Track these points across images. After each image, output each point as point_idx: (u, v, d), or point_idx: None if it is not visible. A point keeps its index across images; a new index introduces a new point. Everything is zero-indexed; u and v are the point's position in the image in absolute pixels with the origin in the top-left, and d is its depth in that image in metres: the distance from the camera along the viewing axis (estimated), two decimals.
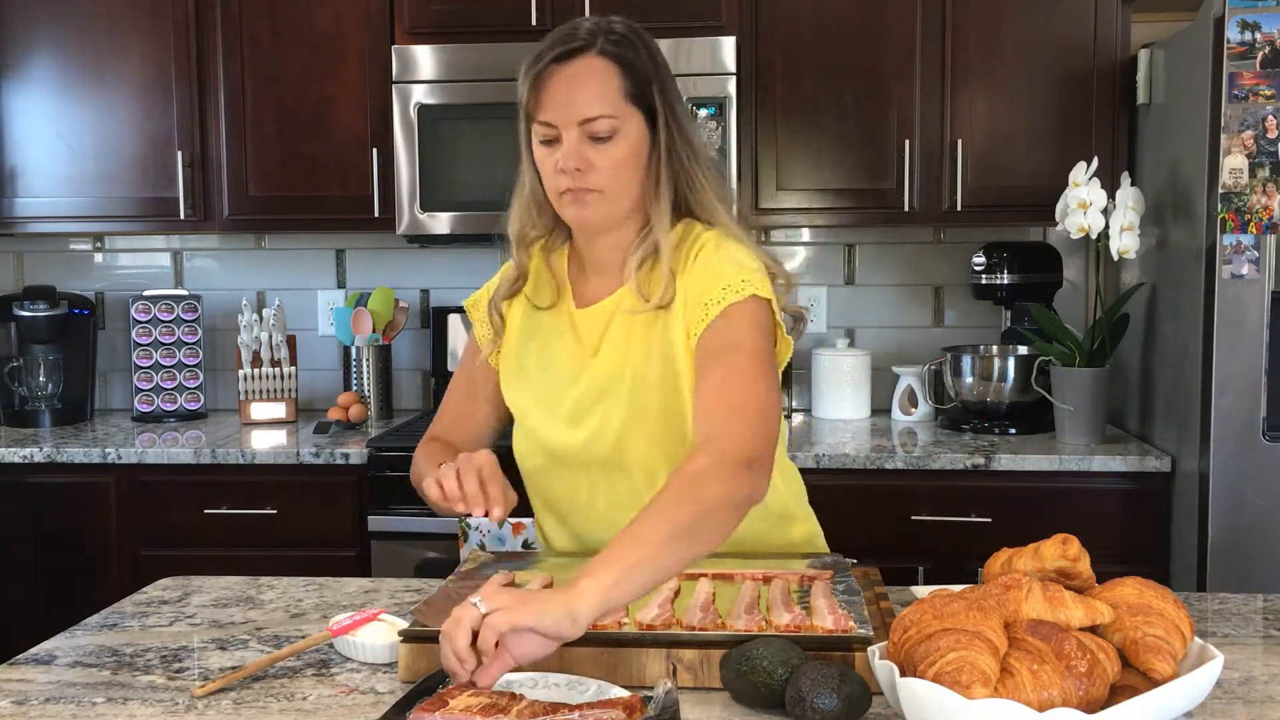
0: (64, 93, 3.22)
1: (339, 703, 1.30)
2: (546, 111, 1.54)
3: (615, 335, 1.62)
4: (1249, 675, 1.36)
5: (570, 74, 1.53)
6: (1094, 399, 2.84)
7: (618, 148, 1.54)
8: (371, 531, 2.89)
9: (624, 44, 1.55)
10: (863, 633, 1.32)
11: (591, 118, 1.52)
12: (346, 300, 3.44)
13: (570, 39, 1.54)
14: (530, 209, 1.67)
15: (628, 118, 1.55)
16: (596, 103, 1.52)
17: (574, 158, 1.53)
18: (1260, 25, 2.45)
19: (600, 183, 1.55)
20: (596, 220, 1.59)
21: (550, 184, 1.58)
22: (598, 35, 1.55)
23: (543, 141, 1.57)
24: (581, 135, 1.53)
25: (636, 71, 1.55)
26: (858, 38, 3.05)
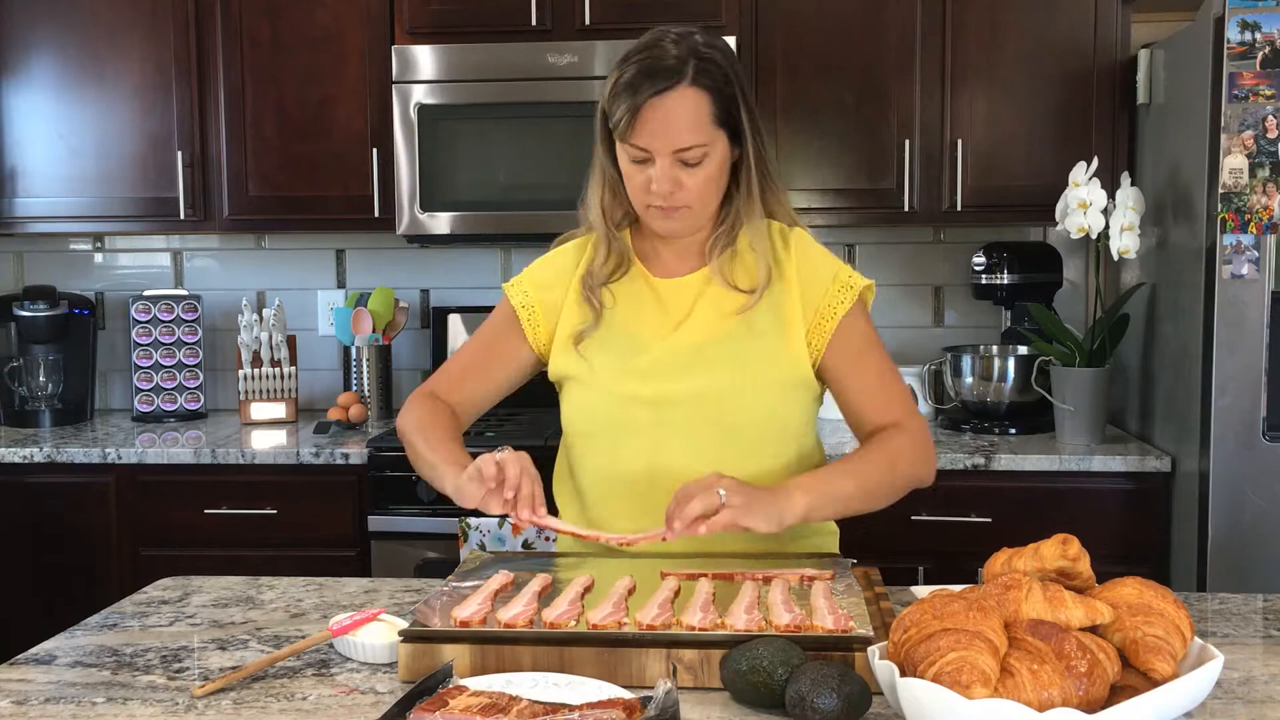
0: (64, 93, 3.22)
1: (339, 703, 1.30)
2: (642, 139, 1.61)
3: (704, 309, 1.71)
4: (1249, 675, 1.36)
5: (668, 107, 1.59)
6: (1094, 399, 2.84)
7: (706, 169, 1.63)
8: (371, 531, 2.89)
9: (713, 68, 1.62)
10: (863, 633, 1.32)
11: (685, 147, 1.61)
12: (346, 300, 3.44)
13: (663, 69, 1.60)
14: (614, 195, 1.74)
15: (716, 141, 1.63)
16: (691, 134, 1.60)
17: (667, 182, 1.62)
18: (1260, 25, 2.45)
19: (689, 200, 1.65)
20: (684, 231, 1.71)
21: (639, 198, 1.67)
22: (688, 60, 1.60)
23: (634, 161, 1.65)
24: (674, 161, 1.61)
25: (725, 96, 1.63)
26: (858, 38, 3.05)
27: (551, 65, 3.01)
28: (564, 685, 1.26)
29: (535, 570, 1.59)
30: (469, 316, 3.44)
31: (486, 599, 1.44)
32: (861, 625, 1.34)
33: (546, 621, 1.36)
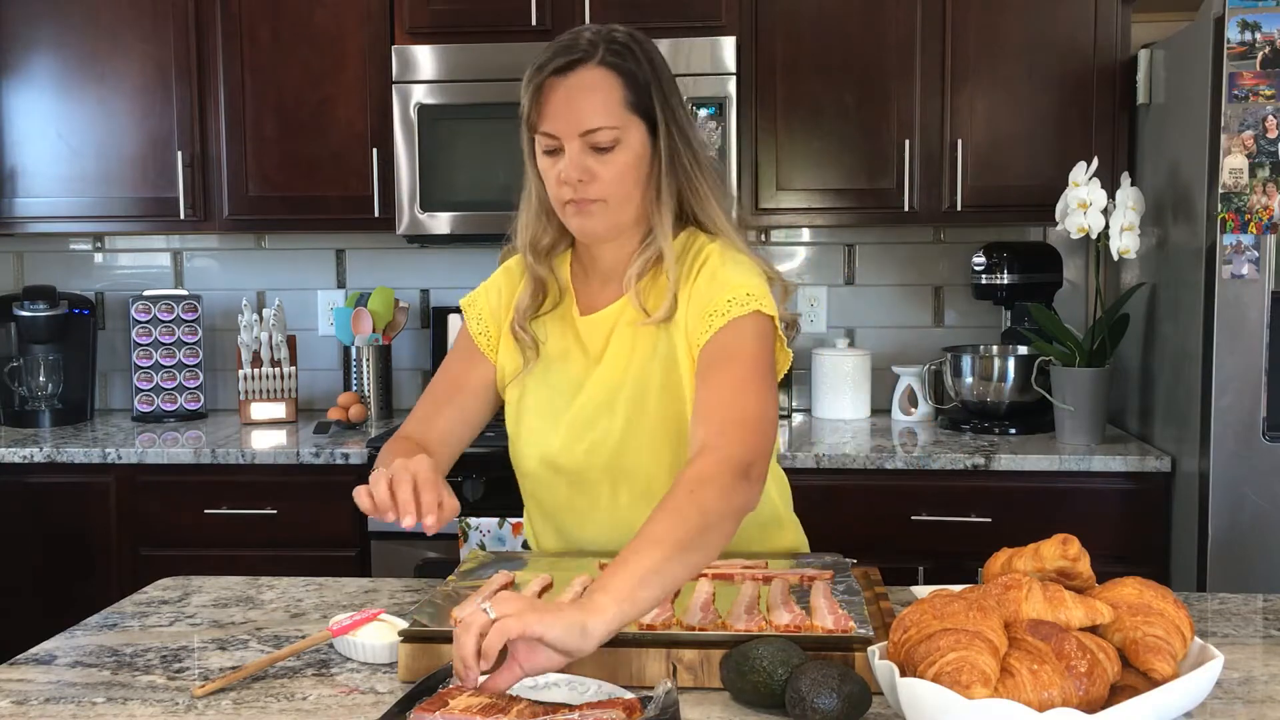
0: (64, 92, 3.22)
1: (339, 703, 1.30)
2: (548, 122, 1.54)
3: (618, 344, 1.62)
4: (1249, 675, 1.36)
5: (571, 85, 1.53)
6: (1094, 399, 2.84)
7: (620, 157, 1.54)
8: (371, 531, 2.89)
9: (625, 53, 1.55)
10: (862, 633, 1.32)
11: (593, 129, 1.52)
12: (346, 300, 3.44)
13: (571, 49, 1.54)
14: (540, 217, 1.66)
15: (629, 127, 1.54)
16: (598, 114, 1.52)
17: (576, 169, 1.53)
18: (1260, 25, 2.45)
19: (603, 192, 1.55)
20: (601, 230, 1.59)
21: (554, 194, 1.58)
22: (599, 45, 1.54)
23: (546, 152, 1.57)
24: (583, 146, 1.53)
25: (638, 81, 1.55)
26: (858, 38, 3.05)
27: None
28: (564, 685, 1.26)
29: (533, 570, 1.59)
30: None
31: (486, 599, 1.43)
32: (861, 625, 1.34)
33: None
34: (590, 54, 1.53)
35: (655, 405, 1.60)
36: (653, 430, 1.60)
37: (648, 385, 1.60)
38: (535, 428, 1.67)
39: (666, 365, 1.60)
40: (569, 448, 1.64)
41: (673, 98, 1.59)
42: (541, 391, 1.67)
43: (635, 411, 1.60)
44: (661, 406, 1.60)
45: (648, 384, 1.60)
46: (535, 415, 1.67)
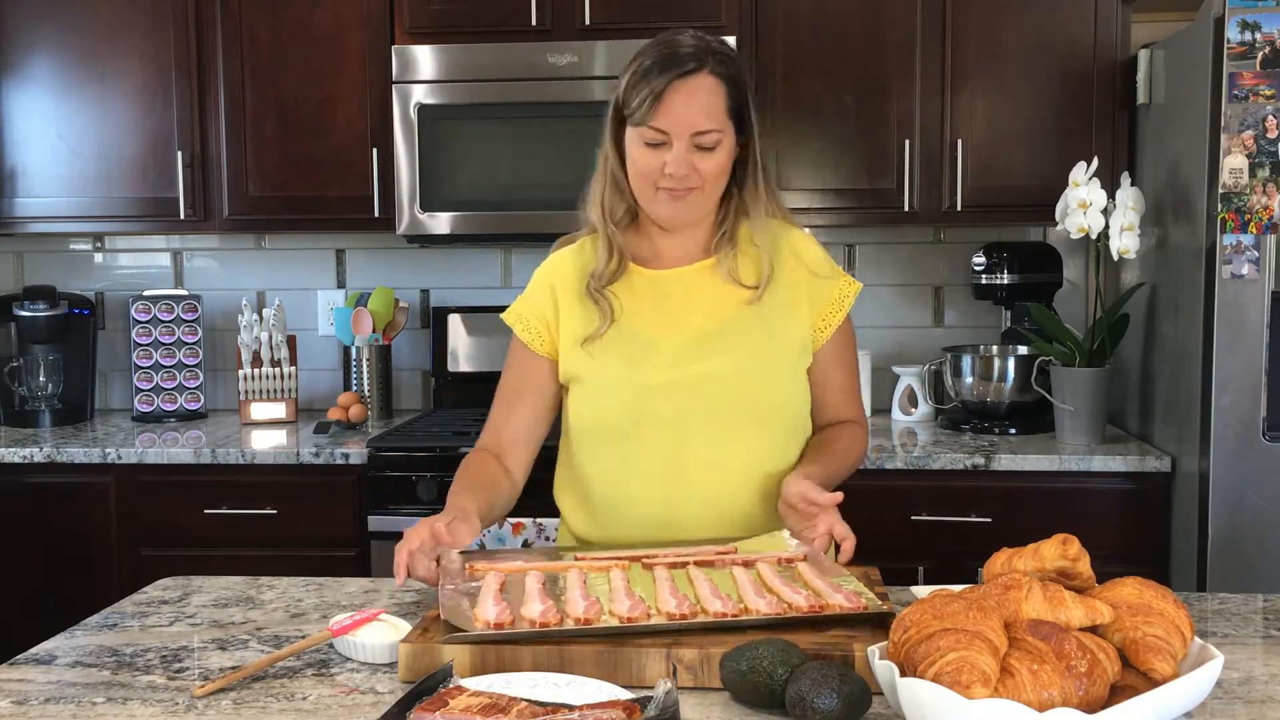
0: (64, 93, 3.22)
1: (339, 703, 1.30)
2: (661, 120, 1.68)
3: (709, 298, 1.78)
4: (1249, 675, 1.36)
5: (689, 89, 1.68)
6: (1094, 399, 2.84)
7: (719, 156, 1.72)
8: (371, 531, 2.89)
9: (729, 63, 1.72)
10: (880, 607, 1.37)
11: (703, 130, 1.69)
12: (346, 300, 3.44)
13: (684, 57, 1.69)
14: (615, 193, 1.80)
15: (727, 131, 1.72)
16: (709, 118, 1.69)
17: (684, 164, 1.69)
18: (1260, 25, 2.45)
19: (700, 182, 1.72)
20: (688, 216, 1.76)
21: (648, 183, 1.72)
22: (707, 52, 1.70)
23: (647, 144, 1.70)
24: (690, 144, 1.69)
25: (738, 90, 1.73)
26: (858, 38, 3.05)
27: (551, 65, 3.01)
28: (564, 685, 1.26)
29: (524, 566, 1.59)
30: (469, 316, 3.44)
31: (497, 598, 1.43)
32: (870, 601, 1.39)
33: (576, 618, 1.37)
34: (703, 61, 1.69)
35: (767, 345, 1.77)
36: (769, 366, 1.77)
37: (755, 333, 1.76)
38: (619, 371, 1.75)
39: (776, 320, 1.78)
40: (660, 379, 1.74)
41: (754, 102, 1.78)
42: (625, 343, 1.77)
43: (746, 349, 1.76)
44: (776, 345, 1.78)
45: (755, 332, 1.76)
46: (621, 361, 1.76)
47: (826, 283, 1.82)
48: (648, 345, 1.76)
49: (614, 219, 1.80)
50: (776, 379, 1.78)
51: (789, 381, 1.80)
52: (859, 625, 1.37)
